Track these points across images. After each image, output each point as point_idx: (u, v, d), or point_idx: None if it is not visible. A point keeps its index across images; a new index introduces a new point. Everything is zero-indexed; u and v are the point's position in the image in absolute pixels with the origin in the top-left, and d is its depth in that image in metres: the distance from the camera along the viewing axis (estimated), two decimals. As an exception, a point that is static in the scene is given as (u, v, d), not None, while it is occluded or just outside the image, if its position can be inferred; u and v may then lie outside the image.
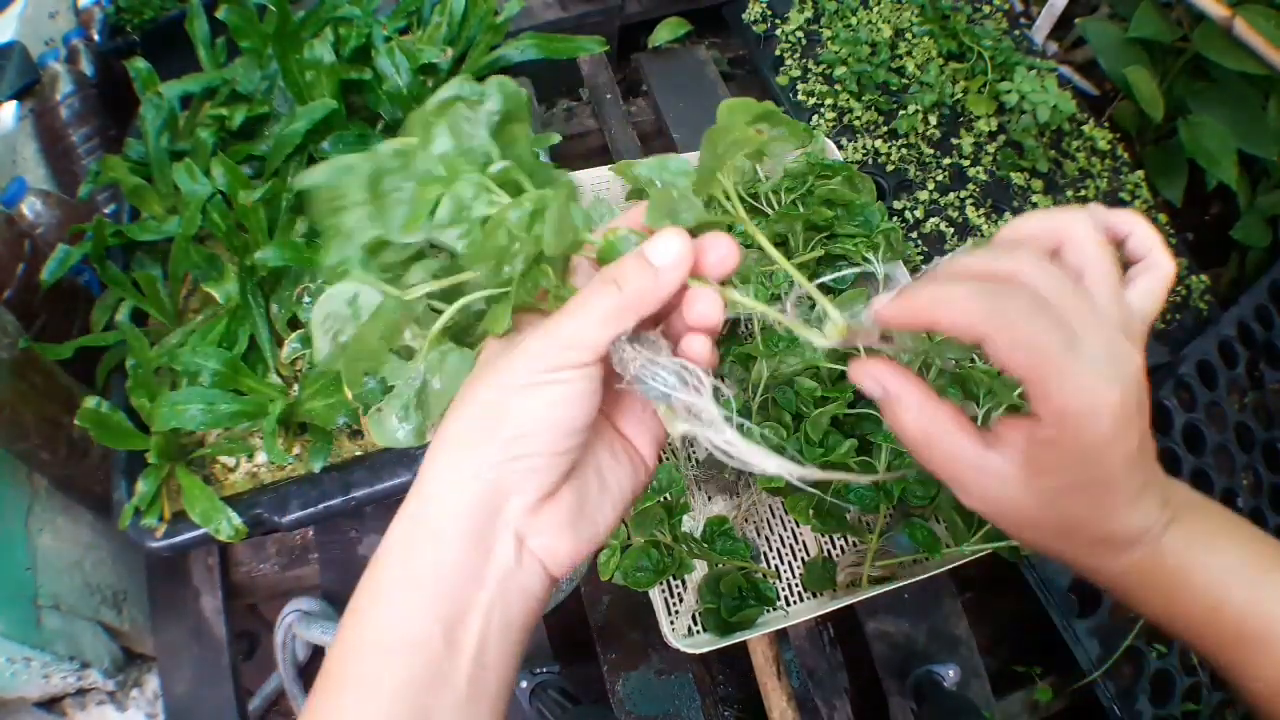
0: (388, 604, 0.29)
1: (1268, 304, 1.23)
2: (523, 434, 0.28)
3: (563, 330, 0.29)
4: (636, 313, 0.29)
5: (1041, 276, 0.28)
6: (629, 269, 0.29)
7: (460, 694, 0.28)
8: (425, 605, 0.28)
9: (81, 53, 1.09)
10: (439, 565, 0.28)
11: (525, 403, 0.28)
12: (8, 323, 0.76)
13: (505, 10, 0.98)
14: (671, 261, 0.29)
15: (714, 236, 0.31)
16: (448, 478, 0.29)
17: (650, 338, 0.30)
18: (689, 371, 0.29)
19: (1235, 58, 1.24)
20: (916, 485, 0.76)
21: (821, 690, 0.89)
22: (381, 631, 0.28)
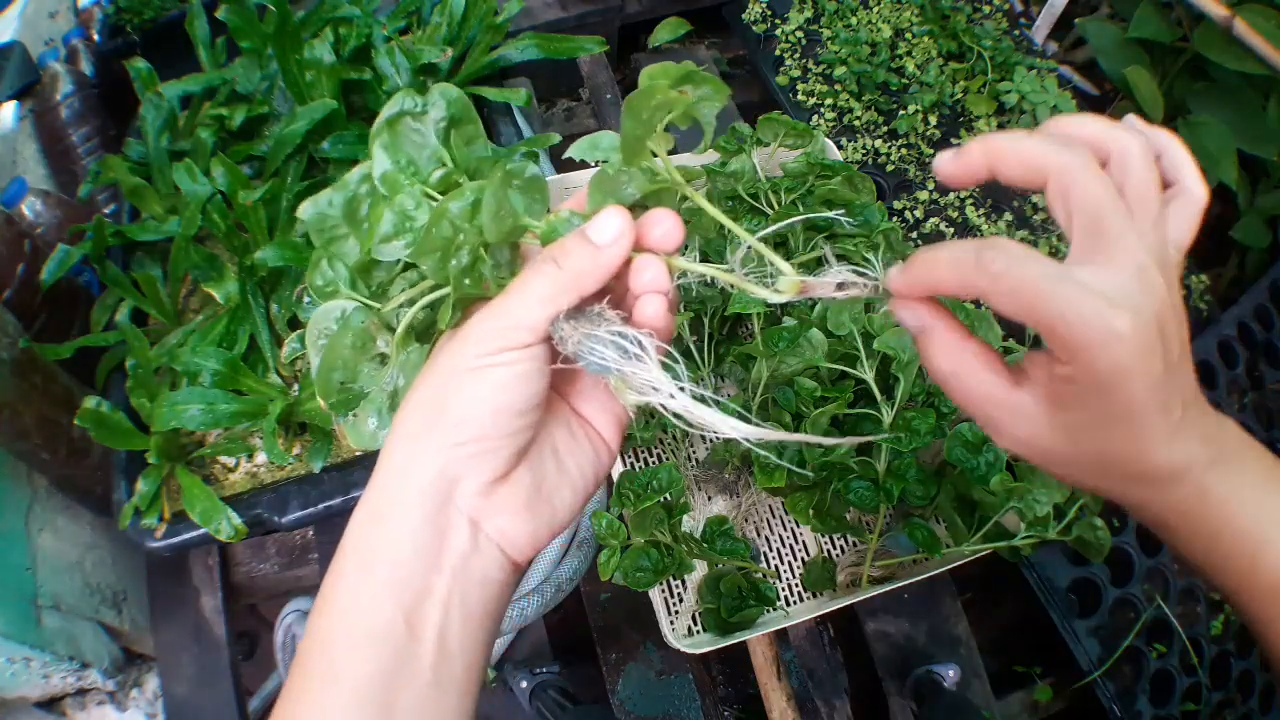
0: (347, 593, 0.29)
1: (1268, 304, 1.23)
2: (467, 418, 0.29)
3: (504, 312, 0.29)
4: (577, 291, 0.29)
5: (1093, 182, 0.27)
6: (568, 247, 0.30)
7: (425, 681, 0.28)
8: (384, 593, 0.28)
9: (81, 53, 1.09)
10: (394, 552, 0.29)
11: (468, 387, 0.29)
12: (8, 323, 0.76)
13: (505, 10, 0.98)
14: (611, 238, 0.30)
15: (656, 213, 0.31)
16: (399, 467, 0.29)
17: (595, 310, 0.30)
18: (629, 339, 0.29)
19: (1235, 58, 1.24)
20: (916, 485, 0.76)
21: (821, 690, 0.89)
22: (343, 621, 0.29)
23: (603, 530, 0.73)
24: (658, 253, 0.31)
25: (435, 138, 0.34)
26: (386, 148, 0.34)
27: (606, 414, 0.34)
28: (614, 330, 0.29)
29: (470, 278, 0.31)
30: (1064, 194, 0.27)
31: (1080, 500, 0.73)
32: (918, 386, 0.77)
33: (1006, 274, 0.27)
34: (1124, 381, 0.27)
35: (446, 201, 0.31)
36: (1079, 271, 0.27)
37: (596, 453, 0.34)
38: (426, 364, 0.31)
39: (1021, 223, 1.22)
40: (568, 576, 0.81)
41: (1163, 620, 0.99)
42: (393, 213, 0.33)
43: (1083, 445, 0.29)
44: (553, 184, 0.94)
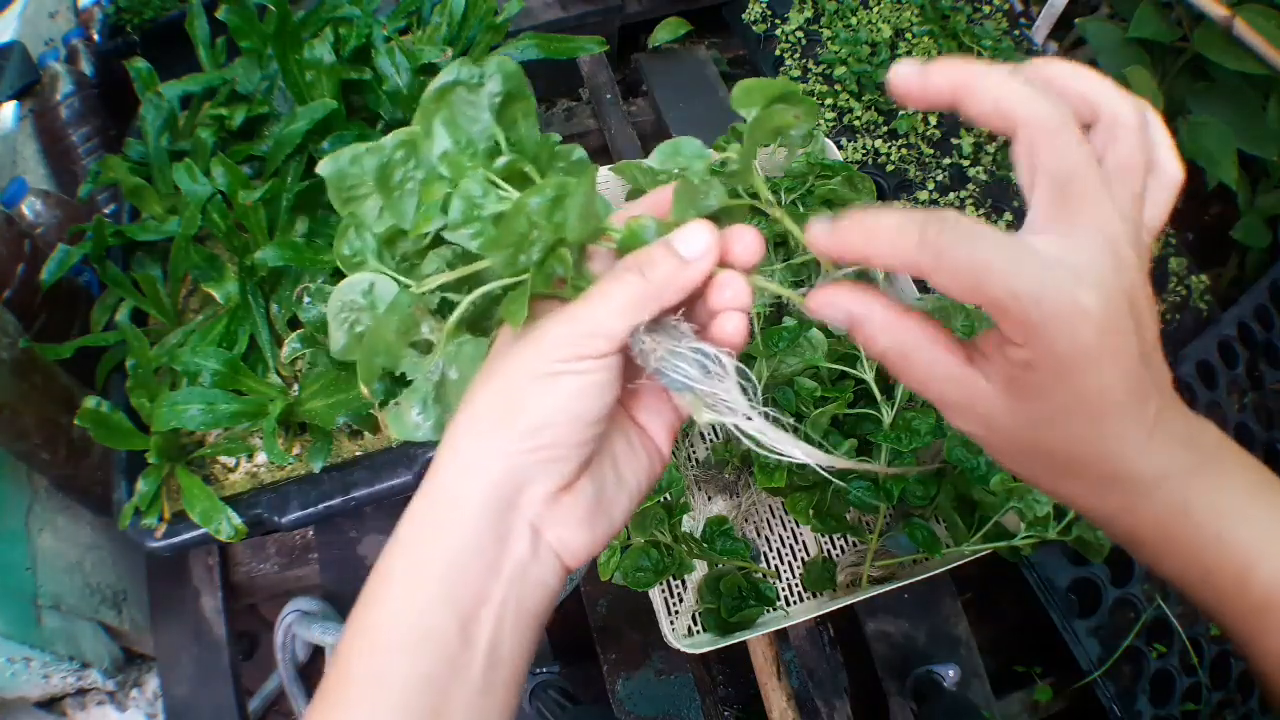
0: (400, 594, 0.28)
1: (1268, 304, 1.23)
2: (541, 424, 0.28)
3: (583, 318, 0.28)
4: (660, 302, 0.28)
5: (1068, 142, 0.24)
6: (655, 258, 0.28)
7: (475, 687, 0.27)
8: (439, 596, 0.27)
9: (81, 53, 1.09)
10: (453, 555, 0.27)
11: (544, 393, 0.28)
12: (8, 323, 0.76)
13: (505, 10, 0.98)
14: (699, 253, 0.29)
15: (740, 229, 0.30)
16: (462, 467, 0.28)
17: (671, 323, 0.29)
18: (710, 359, 0.28)
19: (1235, 58, 1.24)
20: (916, 485, 0.76)
21: (821, 690, 0.89)
22: (394, 623, 0.27)
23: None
24: (738, 269, 0.30)
25: (489, 112, 0.33)
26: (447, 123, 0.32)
27: (662, 421, 0.33)
28: (695, 347, 0.28)
29: (543, 276, 0.30)
30: (1032, 151, 0.25)
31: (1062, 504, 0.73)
32: (918, 386, 0.77)
33: (951, 249, 0.24)
34: (1091, 366, 0.24)
35: (526, 196, 0.29)
36: (1035, 241, 0.24)
37: (651, 460, 0.33)
38: (489, 362, 0.30)
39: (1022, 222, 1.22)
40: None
41: (1163, 620, 0.99)
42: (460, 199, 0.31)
43: (1046, 439, 0.26)
44: (553, 184, 0.94)
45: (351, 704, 0.27)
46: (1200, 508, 0.27)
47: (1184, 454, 0.27)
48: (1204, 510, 0.27)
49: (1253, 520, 0.28)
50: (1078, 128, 0.25)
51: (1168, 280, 1.23)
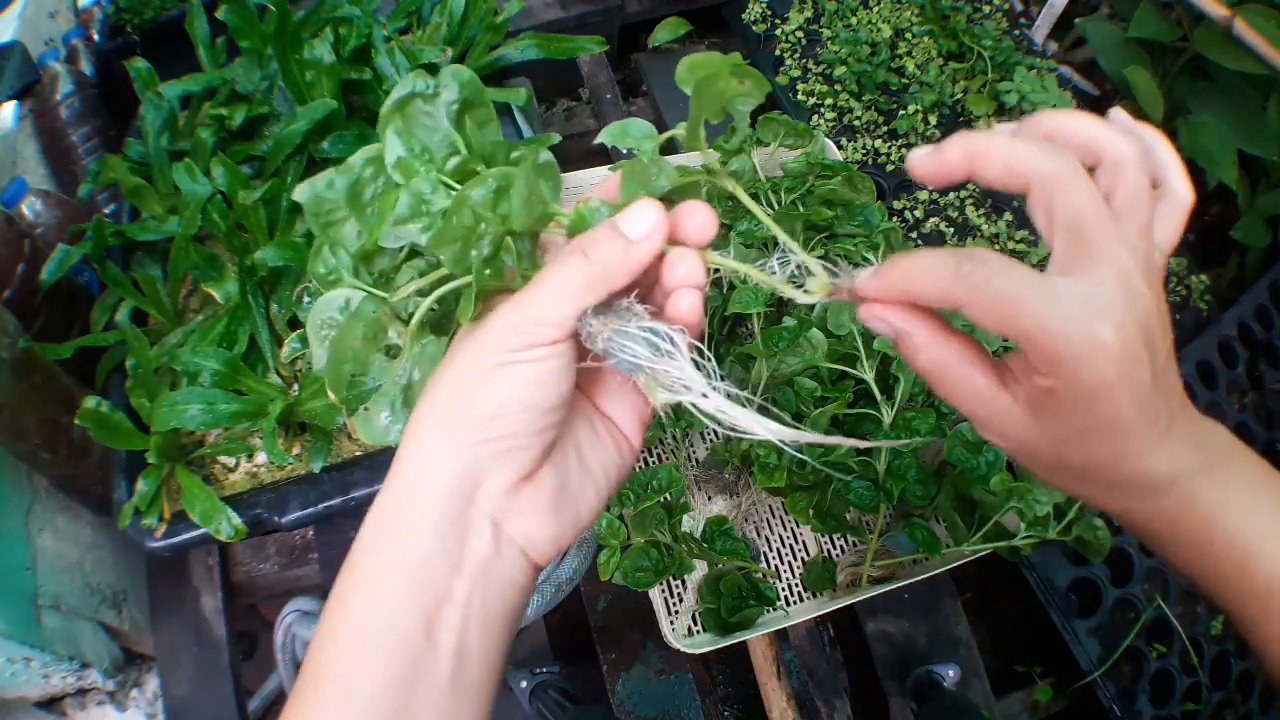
0: (365, 595, 0.28)
1: (1268, 304, 1.23)
2: (493, 416, 0.27)
3: (530, 306, 0.28)
4: (607, 285, 0.28)
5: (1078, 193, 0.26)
6: (599, 239, 0.28)
7: (443, 688, 0.27)
8: (403, 597, 0.27)
9: (81, 53, 1.09)
10: (415, 553, 0.27)
11: (494, 384, 0.27)
12: (8, 323, 0.75)
13: (505, 10, 0.98)
14: (646, 232, 0.28)
15: (691, 205, 0.30)
16: (419, 464, 0.28)
17: (623, 305, 0.29)
18: (660, 336, 0.28)
19: (1235, 58, 1.24)
20: (916, 485, 0.76)
21: (821, 690, 0.89)
22: (358, 623, 0.28)
23: (603, 530, 0.73)
24: (691, 246, 0.30)
25: (447, 121, 0.33)
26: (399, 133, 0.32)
27: (629, 410, 0.33)
28: (645, 326, 0.28)
29: (491, 269, 0.30)
30: (1047, 204, 0.27)
31: (1080, 501, 0.73)
32: (918, 386, 0.77)
33: (986, 286, 0.26)
34: (1108, 395, 0.26)
35: (468, 189, 0.29)
36: (1060, 283, 0.26)
37: (619, 450, 0.33)
38: (446, 358, 0.30)
39: (1022, 223, 1.22)
40: (568, 576, 0.80)
41: (1163, 620, 0.99)
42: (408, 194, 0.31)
43: (1066, 455, 0.29)
44: (553, 184, 0.94)
45: (322, 705, 0.27)
46: (1206, 504, 0.30)
47: (1192, 456, 0.29)
48: (1209, 506, 0.30)
49: (1255, 514, 0.30)
50: (1084, 175, 0.27)
51: (1168, 280, 1.23)
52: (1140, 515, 0.31)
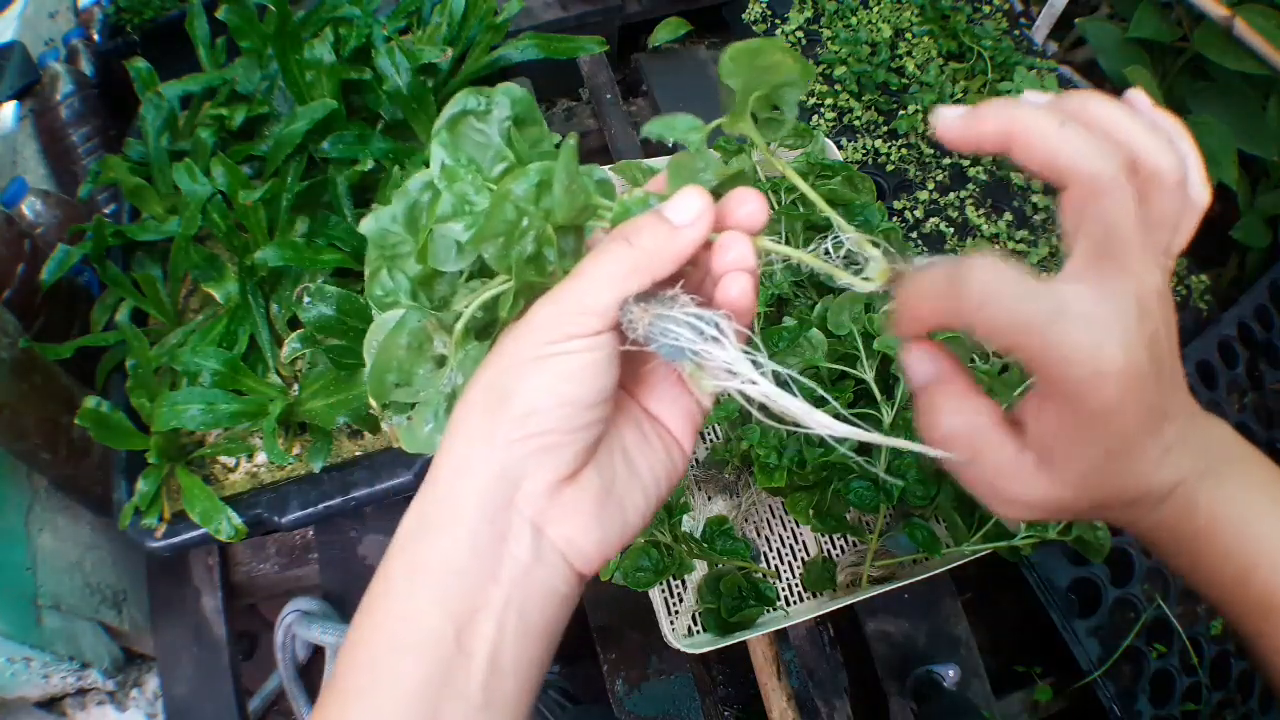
0: (396, 603, 0.26)
1: (1268, 304, 1.23)
2: (531, 411, 0.26)
3: (570, 295, 0.27)
4: (651, 273, 0.27)
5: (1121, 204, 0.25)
6: (643, 226, 0.27)
7: (473, 700, 0.25)
8: (434, 600, 0.26)
9: (81, 53, 1.09)
10: (449, 557, 0.26)
11: (533, 377, 0.26)
12: (8, 323, 0.76)
13: (505, 10, 0.98)
14: (691, 218, 0.27)
15: (742, 192, 0.29)
16: (456, 464, 0.27)
17: (666, 294, 0.27)
18: (705, 320, 0.27)
19: (1235, 58, 1.24)
20: (916, 485, 0.76)
21: (821, 690, 0.89)
22: (388, 631, 0.26)
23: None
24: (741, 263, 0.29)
25: (499, 137, 0.32)
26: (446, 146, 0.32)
27: (679, 411, 0.31)
28: (689, 311, 0.27)
29: (535, 266, 0.29)
30: (1082, 205, 0.25)
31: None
32: (918, 386, 0.77)
33: (988, 306, 0.25)
34: (1114, 418, 0.25)
35: (508, 182, 0.28)
36: (1067, 291, 0.25)
37: (669, 454, 0.31)
38: (487, 356, 0.28)
39: (1021, 223, 1.22)
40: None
41: (1163, 620, 0.99)
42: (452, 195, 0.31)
43: (1085, 489, 0.27)
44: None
45: (348, 708, 0.26)
46: (1203, 510, 0.28)
47: (1192, 464, 0.28)
48: (1206, 513, 0.28)
49: (1255, 521, 0.29)
50: (1129, 184, 0.25)
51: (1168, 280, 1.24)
52: (1143, 524, 0.30)
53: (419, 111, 0.88)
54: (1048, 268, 1.16)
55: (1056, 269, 0.26)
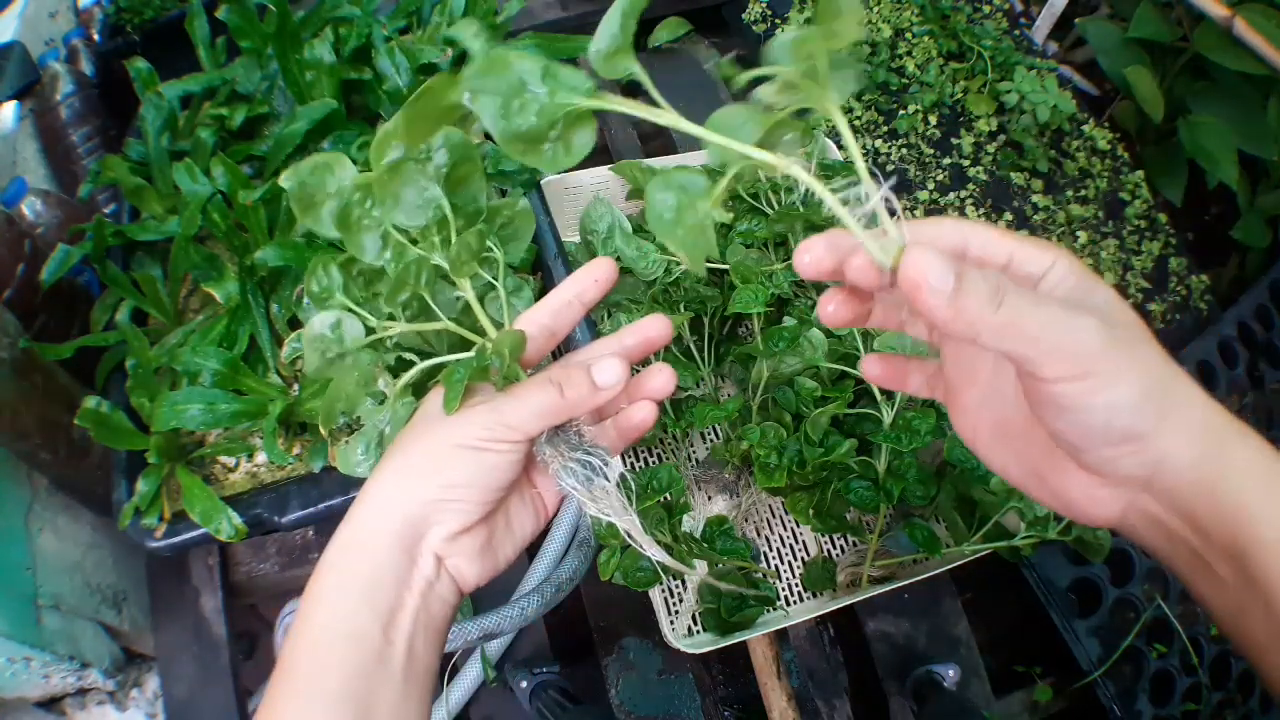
0: (330, 608, 0.34)
1: (1268, 304, 1.23)
2: (456, 484, 0.34)
3: (505, 412, 0.35)
4: (569, 415, 0.36)
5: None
6: (574, 380, 0.36)
7: (397, 677, 0.33)
8: (364, 603, 0.33)
9: (81, 53, 1.09)
10: (373, 570, 0.34)
11: (463, 460, 0.34)
12: (8, 323, 0.75)
13: (505, 10, 0.98)
14: (612, 384, 0.36)
15: (656, 367, 0.39)
16: (383, 504, 0.35)
17: (571, 429, 0.37)
18: (598, 471, 0.36)
19: (1235, 58, 1.24)
20: (917, 485, 0.76)
21: (821, 690, 0.89)
22: (328, 626, 0.33)
23: (603, 530, 0.73)
24: (651, 399, 0.39)
25: (437, 184, 0.37)
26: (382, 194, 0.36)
27: (555, 489, 0.40)
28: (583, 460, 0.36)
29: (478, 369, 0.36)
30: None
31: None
32: (918, 386, 0.77)
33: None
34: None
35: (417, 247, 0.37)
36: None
37: (537, 515, 0.40)
38: (419, 423, 0.36)
39: (1022, 222, 1.22)
40: (568, 576, 0.80)
41: (1163, 620, 0.99)
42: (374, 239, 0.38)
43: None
44: (553, 183, 0.94)
45: (298, 692, 0.32)
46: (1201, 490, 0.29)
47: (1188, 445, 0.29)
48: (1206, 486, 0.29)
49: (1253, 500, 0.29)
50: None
51: (1168, 280, 1.23)
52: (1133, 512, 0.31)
53: (419, 111, 0.88)
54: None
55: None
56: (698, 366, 0.87)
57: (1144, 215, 1.26)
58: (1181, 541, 0.31)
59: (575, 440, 0.37)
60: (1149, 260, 1.22)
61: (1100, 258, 1.20)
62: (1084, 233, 1.21)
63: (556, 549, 0.85)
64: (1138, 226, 1.25)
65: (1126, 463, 0.30)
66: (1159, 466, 0.30)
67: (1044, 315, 0.27)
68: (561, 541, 0.85)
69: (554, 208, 0.89)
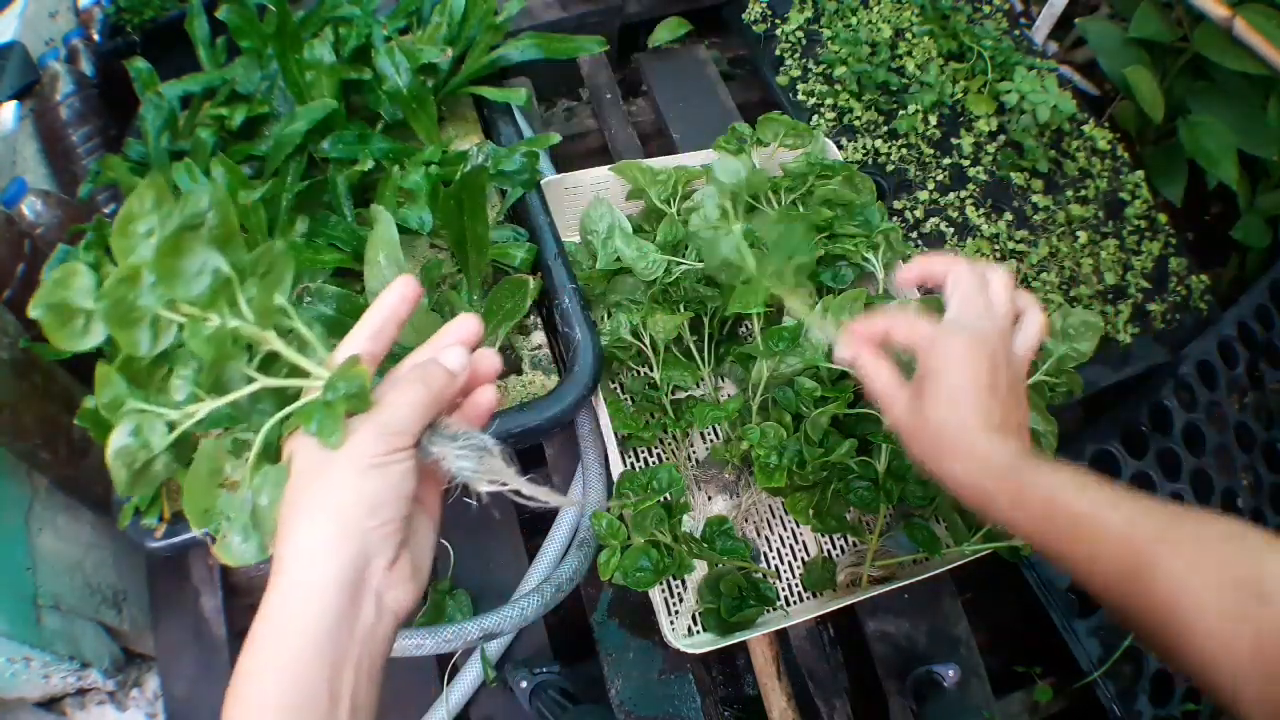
0: (274, 667, 0.33)
1: (1268, 304, 1.23)
2: (379, 505, 0.34)
3: (387, 421, 0.35)
4: (439, 405, 0.38)
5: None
6: (432, 373, 0.38)
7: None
8: (311, 665, 0.32)
9: (81, 53, 1.08)
10: (318, 626, 0.33)
11: (374, 480, 0.34)
12: (8, 323, 0.76)
13: (505, 10, 0.98)
14: (462, 365, 0.39)
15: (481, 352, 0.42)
16: (308, 559, 0.34)
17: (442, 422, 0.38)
18: (484, 450, 0.38)
19: (1235, 58, 1.24)
20: (916, 485, 0.76)
21: (821, 690, 0.89)
22: (273, 693, 0.32)
23: (603, 530, 0.73)
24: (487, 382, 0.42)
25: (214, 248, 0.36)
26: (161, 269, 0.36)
27: (433, 488, 0.41)
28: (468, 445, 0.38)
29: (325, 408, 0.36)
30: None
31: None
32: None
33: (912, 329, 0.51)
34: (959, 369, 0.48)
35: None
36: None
37: (431, 519, 0.41)
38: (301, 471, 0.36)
39: (1021, 223, 1.22)
40: (568, 576, 0.80)
41: (1163, 620, 0.98)
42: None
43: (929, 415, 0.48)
44: (553, 183, 0.94)
45: None
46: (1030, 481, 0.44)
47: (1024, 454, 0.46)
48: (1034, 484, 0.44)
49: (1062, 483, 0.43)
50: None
51: (1168, 280, 1.23)
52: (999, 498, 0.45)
53: (419, 111, 0.88)
54: (1047, 267, 1.16)
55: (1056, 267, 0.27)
56: (698, 366, 0.87)
57: (1144, 215, 1.26)
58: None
59: (452, 432, 0.38)
60: (1149, 260, 1.22)
61: (1100, 258, 1.20)
62: (1084, 233, 1.20)
63: (556, 549, 0.85)
64: (1138, 226, 1.25)
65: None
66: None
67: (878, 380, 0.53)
68: (561, 542, 0.85)
69: (554, 208, 0.89)
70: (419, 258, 0.87)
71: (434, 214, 0.81)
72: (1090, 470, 0.43)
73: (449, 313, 0.73)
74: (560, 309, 0.81)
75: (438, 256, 0.88)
